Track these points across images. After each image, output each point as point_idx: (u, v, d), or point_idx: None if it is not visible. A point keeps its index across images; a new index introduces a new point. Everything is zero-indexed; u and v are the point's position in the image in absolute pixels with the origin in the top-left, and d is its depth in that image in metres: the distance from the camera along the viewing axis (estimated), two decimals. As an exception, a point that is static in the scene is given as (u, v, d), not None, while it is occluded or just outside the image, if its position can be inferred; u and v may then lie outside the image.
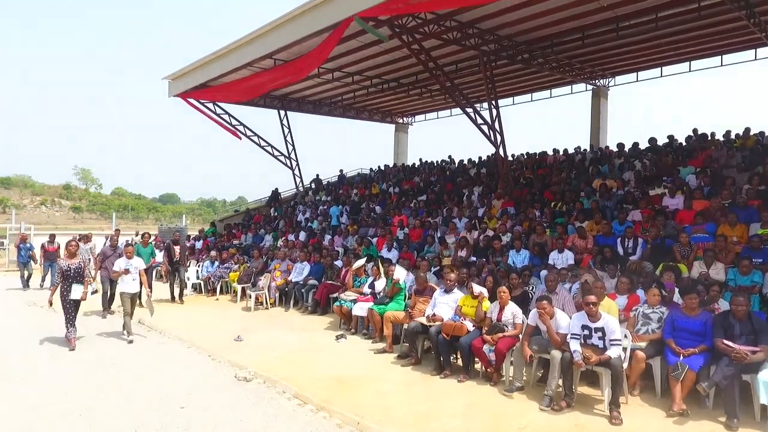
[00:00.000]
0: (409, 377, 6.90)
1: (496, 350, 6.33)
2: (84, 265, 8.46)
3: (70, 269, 8.27)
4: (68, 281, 8.26)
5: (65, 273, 8.25)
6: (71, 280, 8.26)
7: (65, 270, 8.26)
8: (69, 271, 8.26)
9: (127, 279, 8.90)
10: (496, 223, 12.87)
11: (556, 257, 9.93)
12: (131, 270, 8.91)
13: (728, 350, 5.41)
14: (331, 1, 12.80)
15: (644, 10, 13.22)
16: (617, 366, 5.41)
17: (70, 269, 8.26)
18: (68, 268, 8.26)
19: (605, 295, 6.78)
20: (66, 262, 8.35)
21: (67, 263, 8.32)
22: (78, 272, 8.34)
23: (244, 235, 18.81)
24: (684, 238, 9.04)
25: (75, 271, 8.32)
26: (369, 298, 9.34)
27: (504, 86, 21.34)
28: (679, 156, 14.99)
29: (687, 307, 6.02)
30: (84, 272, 8.43)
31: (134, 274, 8.96)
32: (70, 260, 8.37)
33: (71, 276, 8.27)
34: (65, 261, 8.37)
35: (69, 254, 8.43)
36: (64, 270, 8.26)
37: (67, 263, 8.31)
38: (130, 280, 8.91)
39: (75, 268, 8.32)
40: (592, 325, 5.75)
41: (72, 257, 8.39)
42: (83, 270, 8.43)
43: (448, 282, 7.57)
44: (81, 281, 8.37)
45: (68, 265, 8.28)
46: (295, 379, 6.70)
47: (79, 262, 8.42)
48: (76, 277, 8.30)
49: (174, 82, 19.80)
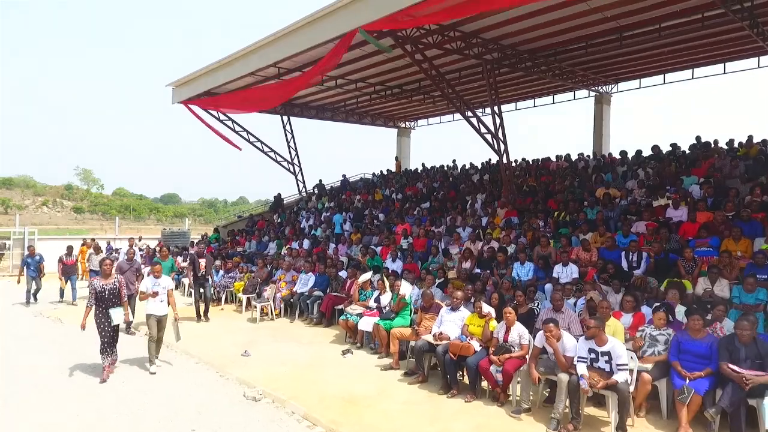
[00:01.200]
0: (416, 396, 6.96)
1: (504, 371, 6.39)
2: (120, 285, 7.77)
3: (105, 290, 7.59)
4: (103, 304, 7.60)
5: (99, 295, 7.56)
6: (106, 303, 7.60)
7: (99, 291, 7.56)
8: (103, 293, 7.58)
9: (155, 300, 8.19)
10: (500, 233, 12.92)
11: (561, 270, 9.98)
12: (160, 291, 8.19)
13: (735, 376, 5.45)
14: (336, 14, 12.85)
15: (648, 20, 13.27)
16: (624, 391, 5.46)
17: (104, 290, 7.58)
18: (102, 290, 7.57)
19: (610, 314, 6.83)
20: (100, 282, 7.64)
21: (101, 284, 7.61)
22: (114, 293, 7.68)
23: (247, 242, 18.88)
24: (688, 253, 9.07)
25: (110, 292, 7.64)
26: (375, 312, 9.38)
27: (507, 92, 21.40)
28: (682, 165, 15.03)
29: (692, 329, 6.06)
30: (121, 293, 7.78)
31: (162, 294, 8.22)
32: (105, 280, 7.66)
33: (106, 298, 7.59)
34: (99, 282, 7.65)
35: (104, 274, 7.73)
36: (98, 291, 7.56)
37: (101, 284, 7.61)
38: (157, 301, 8.19)
39: (110, 289, 7.64)
40: (599, 348, 5.80)
41: (106, 277, 7.69)
42: (120, 290, 7.76)
43: (454, 300, 7.62)
44: (118, 303, 7.73)
45: (102, 286, 7.59)
46: (303, 397, 6.76)
47: (114, 282, 7.71)
48: (111, 299, 7.64)
49: (178, 89, 19.87)
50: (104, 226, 62.67)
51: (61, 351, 9.13)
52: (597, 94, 20.85)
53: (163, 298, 8.23)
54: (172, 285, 8.53)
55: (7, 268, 23.02)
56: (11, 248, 23.50)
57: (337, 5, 12.75)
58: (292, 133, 24.11)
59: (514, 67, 16.23)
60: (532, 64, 16.53)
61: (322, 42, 13.61)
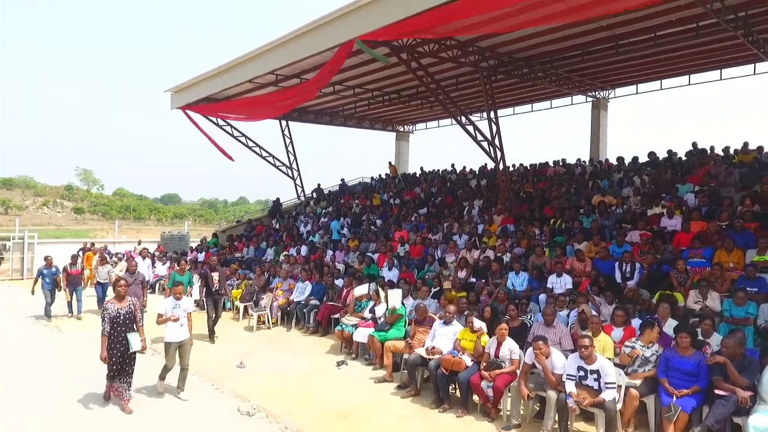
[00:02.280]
0: (408, 410, 7.05)
1: (494, 387, 6.47)
2: (135, 308, 7.05)
3: (120, 315, 6.85)
4: (118, 329, 6.84)
5: (114, 320, 6.80)
6: (122, 328, 6.85)
7: (114, 316, 6.81)
8: (119, 317, 6.84)
9: (174, 324, 7.38)
10: (495, 241, 13.00)
11: (555, 281, 10.05)
12: (180, 315, 7.42)
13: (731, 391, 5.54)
14: (334, 24, 12.93)
15: (643, 29, 13.33)
16: (611, 409, 5.55)
17: (119, 315, 6.85)
18: (118, 314, 6.84)
19: (601, 329, 6.92)
20: (115, 306, 6.89)
21: (116, 307, 6.88)
22: (129, 317, 6.95)
23: (246, 248, 18.96)
24: (680, 265, 9.15)
25: (125, 316, 6.91)
26: (370, 323, 9.47)
27: (505, 97, 21.46)
28: (678, 172, 15.10)
29: (679, 347, 6.14)
30: (136, 316, 7.03)
31: (183, 318, 7.46)
32: (119, 303, 6.94)
33: (121, 323, 6.85)
34: (113, 305, 6.90)
35: (117, 296, 6.99)
36: (113, 316, 6.81)
37: (116, 307, 6.88)
38: (177, 326, 7.37)
39: (125, 313, 6.91)
40: (588, 367, 5.88)
41: (121, 300, 6.96)
42: (135, 314, 7.04)
43: (447, 314, 7.71)
44: (134, 328, 7.00)
45: (117, 310, 6.86)
46: (297, 411, 6.85)
47: (129, 304, 6.99)
48: (127, 324, 6.90)
49: (177, 94, 19.95)
50: (105, 227, 62.72)
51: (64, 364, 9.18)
52: (594, 99, 20.91)
53: (183, 322, 7.47)
54: (193, 307, 7.85)
55: (7, 272, 23.10)
56: (11, 251, 23.55)
57: (334, 15, 12.82)
58: (290, 138, 24.20)
59: (510, 74, 16.30)
60: (528, 71, 16.60)
61: (319, 51, 13.68)
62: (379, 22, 11.62)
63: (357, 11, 12.29)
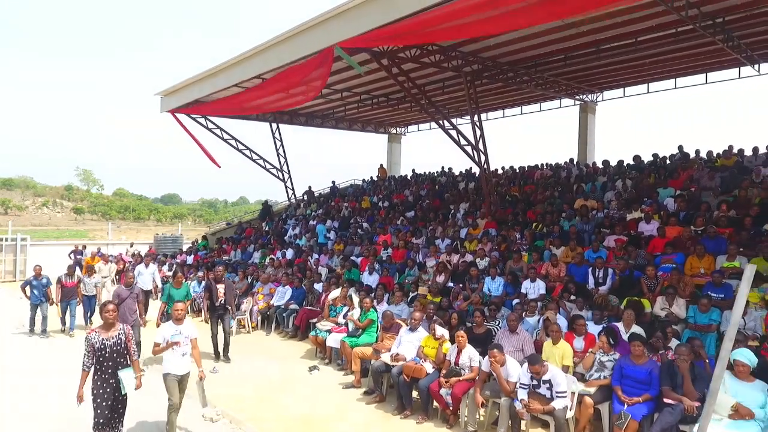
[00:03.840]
0: (372, 416, 7.14)
1: (452, 394, 6.57)
2: (128, 338, 5.63)
3: (106, 347, 5.46)
4: (105, 365, 5.47)
5: (99, 353, 5.44)
6: (109, 364, 5.48)
7: (99, 348, 5.44)
8: (104, 350, 5.45)
9: (175, 354, 6.11)
10: (476, 245, 13.06)
11: (529, 286, 10.13)
12: (182, 341, 6.14)
13: (678, 400, 5.63)
14: (314, 29, 13.05)
15: (623, 34, 13.40)
16: (560, 417, 5.64)
17: (105, 347, 5.45)
18: (103, 346, 5.45)
19: (561, 337, 7.00)
20: (99, 336, 5.49)
21: (101, 338, 5.48)
22: (119, 350, 5.55)
23: (233, 251, 19.06)
24: (650, 270, 9.21)
25: (113, 349, 5.50)
26: (344, 328, 9.56)
27: (494, 100, 21.55)
28: (661, 176, 15.16)
29: (633, 355, 6.22)
30: (129, 349, 5.64)
31: (185, 346, 6.18)
32: (106, 333, 5.54)
33: (107, 357, 5.46)
34: (98, 335, 5.49)
35: (105, 324, 5.61)
36: (97, 348, 5.44)
37: (101, 338, 5.48)
38: (178, 355, 6.11)
39: (113, 345, 5.50)
40: (543, 376, 5.96)
41: (109, 328, 5.57)
42: (128, 345, 5.63)
43: (413, 321, 7.79)
44: (126, 363, 5.63)
45: (103, 341, 5.46)
46: (261, 418, 6.95)
47: (119, 333, 5.59)
48: (116, 359, 5.53)
49: (166, 98, 20.07)
50: (104, 227, 63.02)
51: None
52: (581, 103, 20.96)
53: (185, 351, 6.17)
54: (196, 333, 6.42)
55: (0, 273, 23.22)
56: (3, 253, 23.67)
57: (315, 21, 12.93)
58: (281, 141, 24.29)
59: (495, 78, 16.37)
60: (513, 75, 16.66)
61: (302, 56, 13.75)
62: (359, 28, 11.70)
63: (338, 17, 12.38)
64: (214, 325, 9.92)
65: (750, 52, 15.00)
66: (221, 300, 9.86)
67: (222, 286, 9.95)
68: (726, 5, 11.63)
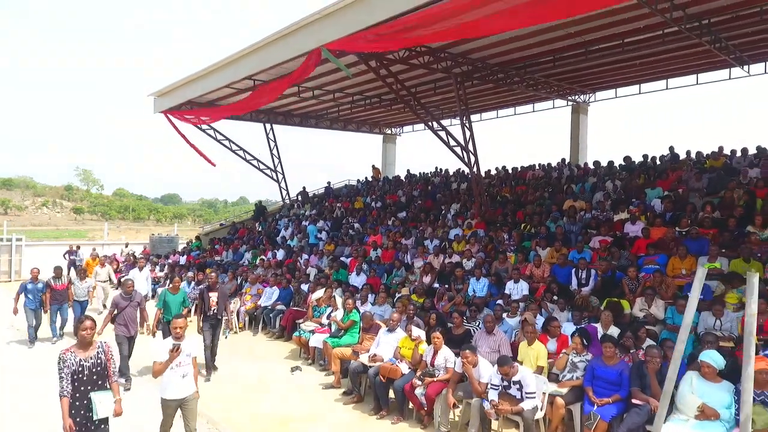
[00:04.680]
0: (348, 416, 7.19)
1: (426, 395, 6.61)
2: (107, 356, 4.97)
3: (83, 368, 4.80)
4: (82, 389, 4.80)
5: (76, 375, 4.78)
6: (88, 388, 4.83)
7: (76, 370, 4.78)
8: (81, 372, 4.79)
9: (174, 375, 5.40)
10: (464, 246, 13.10)
11: (512, 287, 10.18)
12: (183, 360, 5.45)
13: (645, 401, 5.68)
14: (301, 31, 13.10)
15: (611, 36, 13.43)
16: (529, 418, 5.69)
17: (83, 368, 4.80)
18: (81, 367, 4.79)
19: (536, 338, 7.05)
20: (75, 356, 4.82)
21: (77, 359, 4.81)
22: (97, 371, 4.89)
23: (225, 251, 19.12)
24: (632, 271, 9.25)
25: (92, 370, 4.86)
26: (327, 329, 9.61)
27: (487, 100, 21.58)
28: (651, 176, 15.19)
29: (605, 356, 6.27)
30: (108, 369, 4.97)
31: (185, 366, 5.49)
32: (83, 353, 4.87)
33: (85, 380, 4.81)
34: (74, 355, 4.81)
35: (82, 343, 4.91)
36: (74, 370, 4.77)
37: (78, 359, 4.81)
38: (178, 376, 5.41)
39: (91, 366, 4.85)
40: (513, 377, 6.01)
41: (86, 347, 4.90)
42: (107, 365, 4.96)
43: (391, 322, 7.85)
44: (105, 385, 4.93)
45: (80, 362, 4.80)
46: (238, 419, 7.00)
47: (98, 352, 4.93)
48: (93, 380, 4.86)
49: (159, 98, 20.13)
50: (104, 227, 63.02)
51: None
52: (574, 103, 20.99)
53: (186, 371, 5.47)
54: (198, 350, 5.80)
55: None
56: (-1, 252, 23.74)
57: (303, 23, 12.98)
58: (275, 141, 24.32)
59: (485, 79, 16.40)
60: (504, 76, 16.69)
61: (291, 57, 13.80)
62: (344, 30, 11.75)
63: (324, 19, 12.43)
64: (207, 335, 9.10)
65: (739, 53, 15.03)
66: (213, 309, 9.17)
67: (215, 294, 9.25)
68: (711, 7, 11.66)
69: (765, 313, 7.24)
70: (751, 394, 3.52)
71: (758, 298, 7.34)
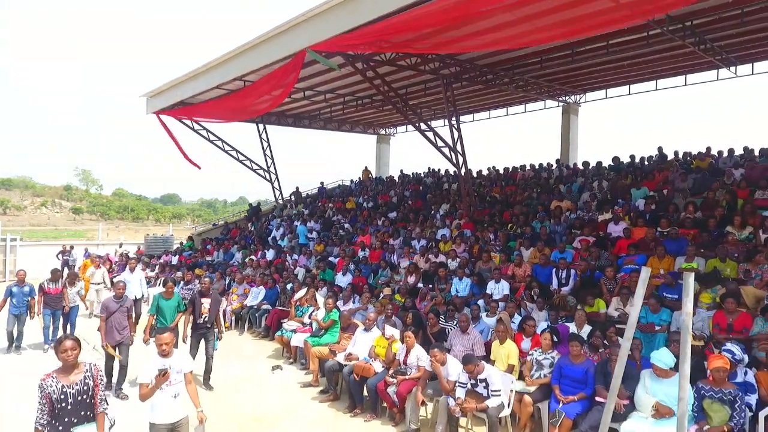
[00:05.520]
0: (323, 414, 7.30)
1: (398, 393, 6.71)
2: (95, 381, 4.35)
3: (67, 396, 4.21)
4: (66, 422, 4.22)
5: (57, 404, 4.17)
6: (73, 420, 4.25)
7: (58, 399, 4.17)
8: (65, 401, 4.19)
9: (164, 396, 4.71)
10: (450, 246, 13.19)
11: (494, 287, 10.27)
12: (172, 378, 4.74)
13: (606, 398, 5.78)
14: (287, 33, 13.20)
15: (596, 37, 13.50)
16: (493, 416, 5.79)
17: (66, 396, 4.20)
18: (63, 395, 4.19)
19: (507, 337, 7.15)
20: (58, 382, 4.21)
21: (59, 385, 4.21)
22: (83, 401, 4.28)
23: (216, 251, 19.21)
24: (609, 272, 9.36)
25: (77, 398, 4.25)
26: (308, 328, 9.70)
27: (479, 101, 21.67)
28: (638, 177, 15.28)
29: (571, 354, 6.37)
30: (95, 397, 4.34)
31: (177, 384, 4.81)
32: (66, 378, 4.26)
33: (69, 411, 4.22)
34: (56, 381, 4.21)
35: (65, 366, 4.29)
36: (56, 399, 4.16)
37: (61, 385, 4.21)
38: (168, 397, 4.72)
39: (77, 393, 4.25)
40: (478, 375, 6.11)
41: (70, 371, 4.29)
42: (94, 393, 4.34)
43: (367, 321, 7.95)
44: (90, 417, 4.34)
45: (62, 389, 4.20)
46: (212, 416, 7.06)
47: (86, 376, 4.31)
48: (79, 409, 4.27)
49: (151, 99, 20.23)
50: (103, 227, 63.31)
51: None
52: (564, 104, 21.08)
53: (177, 390, 4.81)
54: (191, 365, 5.13)
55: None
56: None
57: (289, 24, 13.07)
58: (268, 142, 24.40)
59: (474, 80, 16.49)
60: (493, 77, 16.79)
61: (278, 59, 13.90)
62: (330, 31, 11.84)
63: (309, 21, 12.53)
64: (195, 346, 8.38)
65: (725, 55, 15.12)
66: (205, 317, 8.35)
67: (207, 300, 8.44)
68: (693, 9, 11.71)
69: (735, 312, 7.37)
70: (687, 391, 3.61)
71: (729, 297, 7.52)
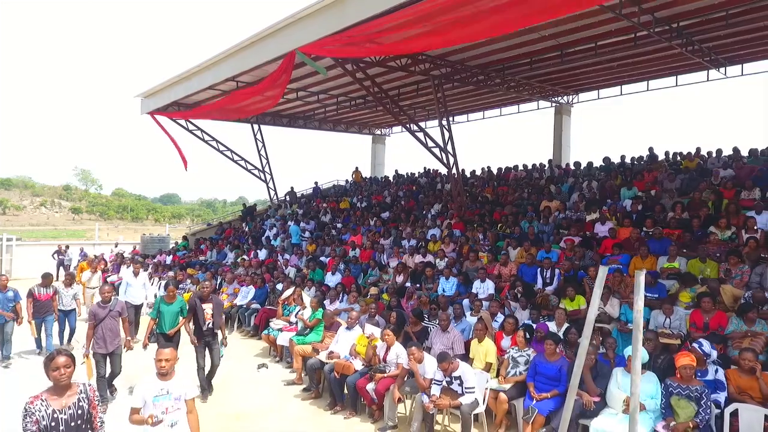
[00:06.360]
0: (304, 412, 7.40)
1: (377, 390, 6.81)
2: (92, 403, 3.87)
3: (59, 422, 3.70)
4: None
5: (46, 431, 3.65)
6: None
7: (47, 426, 3.65)
8: (55, 427, 3.68)
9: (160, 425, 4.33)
10: (439, 246, 13.28)
11: (479, 286, 10.38)
12: (169, 406, 4.42)
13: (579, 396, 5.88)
14: (276, 35, 13.28)
15: (584, 39, 13.61)
16: (466, 412, 5.89)
17: (57, 422, 3.69)
18: (54, 421, 3.68)
19: (485, 336, 7.25)
20: (49, 406, 3.70)
21: (50, 410, 3.69)
22: (78, 427, 3.78)
23: (210, 251, 19.30)
24: (591, 271, 9.46)
25: (71, 424, 3.75)
26: (294, 327, 9.80)
27: (471, 101, 21.76)
28: (627, 177, 15.37)
29: (546, 352, 6.47)
30: (94, 420, 3.87)
31: (174, 412, 4.43)
32: (58, 400, 3.76)
33: None
34: (44, 404, 3.70)
35: (57, 386, 3.78)
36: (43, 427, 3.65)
37: (51, 409, 3.70)
38: (164, 426, 4.35)
39: (70, 419, 3.74)
40: (452, 373, 6.21)
41: (62, 392, 3.79)
42: (90, 417, 3.85)
43: (349, 320, 8.05)
44: None
45: (53, 414, 3.69)
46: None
47: (81, 397, 3.82)
48: None
49: (146, 99, 20.32)
50: (102, 227, 63.32)
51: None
52: (557, 105, 21.16)
53: (175, 419, 4.40)
54: (193, 391, 4.71)
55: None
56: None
57: (279, 25, 13.15)
58: (263, 142, 24.50)
59: (465, 81, 16.58)
60: (485, 78, 16.88)
61: (268, 60, 14.00)
62: (317, 33, 11.93)
63: (299, 22, 12.62)
64: (201, 355, 7.93)
65: (714, 56, 15.19)
66: (209, 323, 7.90)
67: (209, 306, 7.94)
68: (680, 10, 11.81)
69: (711, 311, 7.48)
70: (639, 387, 3.72)
71: (705, 297, 7.61)
